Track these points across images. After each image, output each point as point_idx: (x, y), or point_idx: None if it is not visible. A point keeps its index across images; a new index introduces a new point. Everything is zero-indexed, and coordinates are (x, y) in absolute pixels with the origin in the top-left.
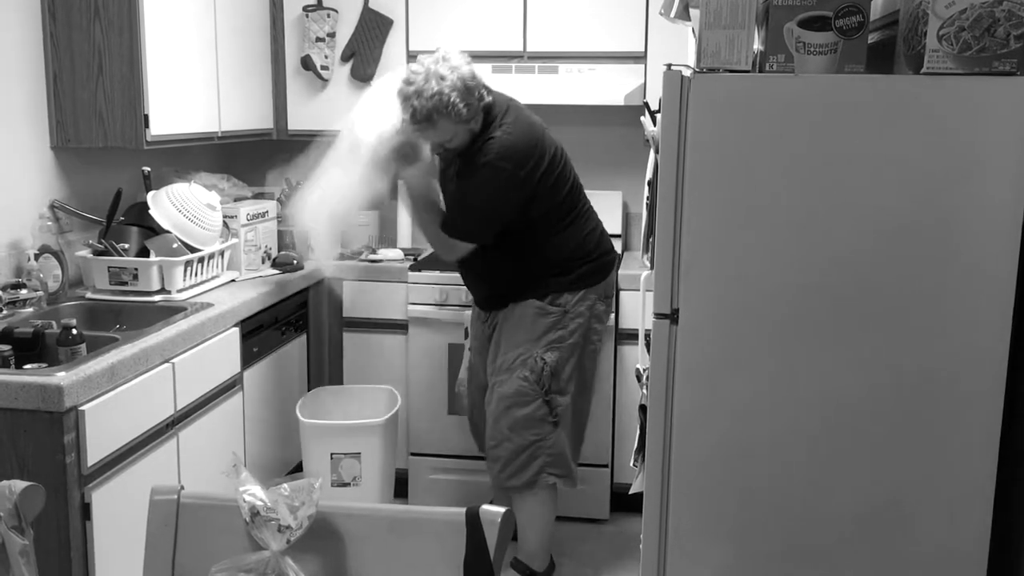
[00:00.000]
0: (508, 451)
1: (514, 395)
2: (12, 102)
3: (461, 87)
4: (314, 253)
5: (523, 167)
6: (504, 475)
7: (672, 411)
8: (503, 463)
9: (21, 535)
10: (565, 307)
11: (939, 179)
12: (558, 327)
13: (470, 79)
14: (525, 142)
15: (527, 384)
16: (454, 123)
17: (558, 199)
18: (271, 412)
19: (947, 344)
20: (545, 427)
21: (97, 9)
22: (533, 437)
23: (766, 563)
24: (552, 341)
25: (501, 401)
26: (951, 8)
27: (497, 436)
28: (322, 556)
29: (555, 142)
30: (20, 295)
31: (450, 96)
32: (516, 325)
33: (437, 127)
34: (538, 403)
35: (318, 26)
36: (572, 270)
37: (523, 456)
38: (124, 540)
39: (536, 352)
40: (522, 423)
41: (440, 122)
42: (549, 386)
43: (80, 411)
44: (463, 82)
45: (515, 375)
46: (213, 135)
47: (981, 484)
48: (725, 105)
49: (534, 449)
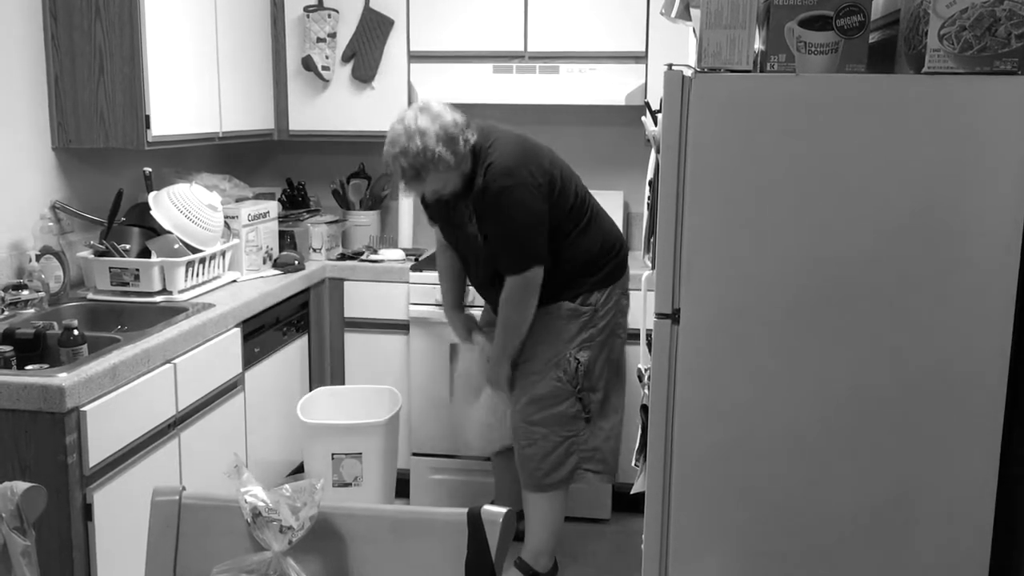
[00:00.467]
0: (543, 449)
1: (548, 395)
2: (13, 103)
3: (444, 137)
4: None
5: (530, 175)
6: (540, 473)
7: (673, 411)
8: (538, 461)
9: (23, 536)
10: (595, 305)
11: (940, 178)
12: (589, 326)
13: (452, 127)
14: (517, 156)
15: (560, 384)
16: (443, 173)
17: (570, 201)
18: (272, 413)
19: (949, 344)
20: (578, 424)
21: (98, 10)
22: (567, 433)
23: (767, 563)
24: (584, 340)
25: (534, 402)
26: (952, 7)
27: (531, 435)
28: (324, 557)
29: (547, 149)
30: (22, 296)
31: (435, 150)
32: (546, 328)
33: (428, 180)
34: (571, 400)
35: (319, 26)
36: (601, 268)
37: (558, 453)
38: (126, 541)
39: (569, 352)
40: (556, 421)
41: (430, 176)
42: (582, 384)
43: (82, 412)
44: (445, 131)
45: (548, 376)
46: (214, 136)
47: (983, 483)
48: (726, 105)
49: (568, 446)
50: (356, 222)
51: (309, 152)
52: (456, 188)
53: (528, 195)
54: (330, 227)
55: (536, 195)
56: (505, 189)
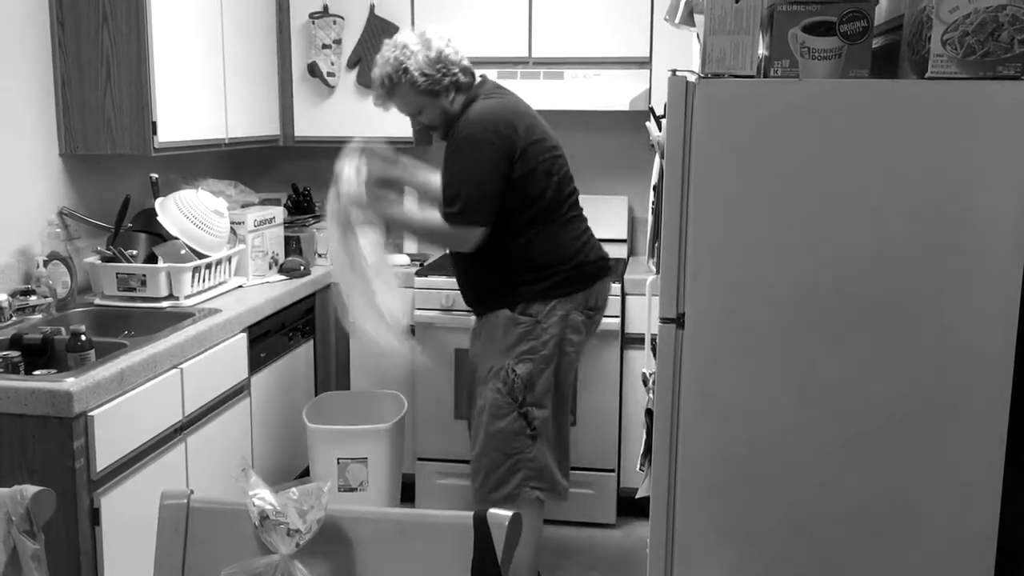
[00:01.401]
0: (487, 464)
1: (490, 407)
2: (21, 110)
3: (423, 59)
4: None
5: (494, 133)
6: (484, 489)
7: (678, 415)
8: (483, 476)
9: (32, 539)
10: (536, 317)
11: (944, 183)
12: (529, 338)
13: (438, 58)
14: (493, 112)
15: (500, 396)
16: (415, 94)
17: (537, 191)
18: (278, 417)
19: (953, 348)
20: (523, 440)
21: (105, 16)
22: (510, 451)
23: (774, 567)
24: (523, 352)
25: (480, 414)
26: (955, 13)
27: (476, 449)
28: (330, 560)
29: (553, 138)
30: (29, 301)
31: (406, 64)
32: (490, 336)
33: (396, 95)
34: (513, 416)
35: (324, 33)
36: (544, 278)
37: (502, 469)
38: (133, 545)
39: (508, 363)
40: (499, 436)
41: (398, 90)
42: (524, 398)
43: (89, 417)
44: (429, 57)
45: (489, 387)
46: (220, 142)
47: (988, 486)
48: (730, 110)
49: (513, 462)
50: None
51: (314, 158)
52: (436, 121)
53: (486, 149)
54: None
55: (493, 154)
56: (466, 137)
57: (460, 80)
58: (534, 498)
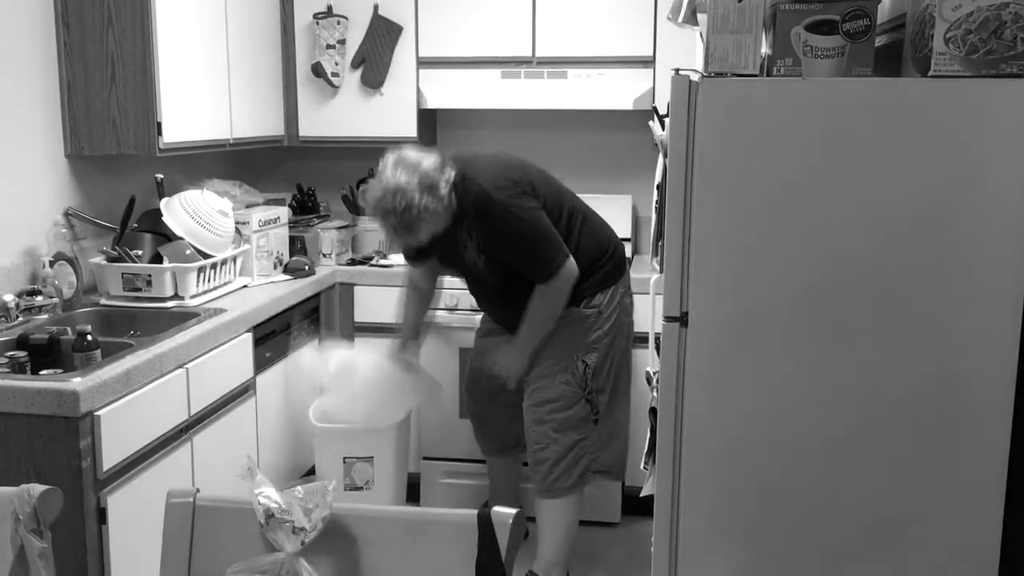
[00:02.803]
0: (556, 453)
1: (557, 398)
2: (27, 111)
3: (426, 186)
4: None
5: (514, 184)
6: (552, 477)
7: (682, 414)
8: (551, 464)
9: (40, 538)
10: (599, 307)
11: (947, 181)
12: (595, 328)
13: (432, 173)
14: (496, 172)
15: (570, 387)
16: (432, 219)
17: (559, 202)
18: (283, 417)
19: (956, 347)
20: (588, 426)
21: (110, 18)
22: (578, 437)
23: (777, 565)
24: (591, 343)
25: (543, 405)
26: (958, 11)
27: (543, 439)
28: (335, 558)
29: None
30: (35, 302)
31: (420, 203)
32: (554, 333)
33: (420, 231)
34: (581, 403)
35: (328, 33)
36: (599, 269)
37: (569, 456)
38: (139, 544)
39: (578, 355)
40: (567, 424)
41: (421, 227)
42: (590, 386)
43: (96, 416)
44: (426, 180)
45: (557, 380)
46: (225, 142)
47: (991, 485)
48: (733, 109)
49: (579, 449)
50: (366, 227)
51: (319, 158)
52: (447, 225)
53: (524, 202)
54: (340, 232)
55: (529, 199)
56: (503, 207)
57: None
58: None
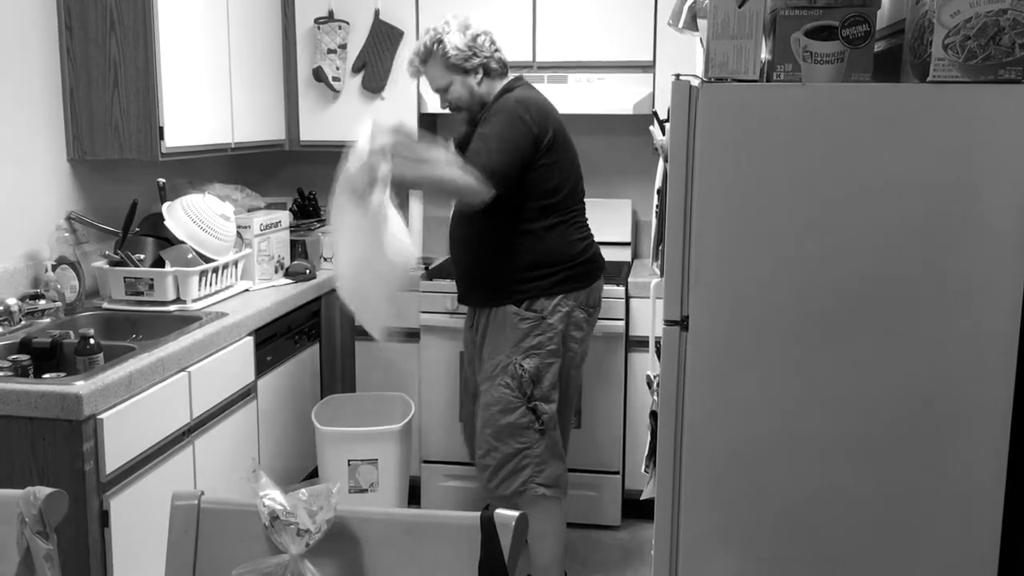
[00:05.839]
0: (496, 460)
1: (498, 403)
2: (29, 115)
3: (459, 38)
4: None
5: (532, 118)
6: (493, 484)
7: (683, 417)
8: (492, 471)
9: (45, 540)
10: (542, 313)
11: (946, 187)
12: (536, 333)
13: (473, 38)
14: (537, 103)
15: (509, 391)
16: (445, 67)
17: (553, 185)
18: (285, 420)
19: (956, 350)
20: (531, 435)
21: (113, 23)
22: (519, 445)
23: (777, 569)
24: (530, 347)
25: (487, 409)
26: (956, 17)
27: (484, 444)
28: (340, 560)
29: (570, 138)
30: (38, 306)
31: (442, 36)
32: (497, 332)
33: (428, 65)
34: (522, 410)
35: (329, 38)
36: (550, 275)
37: (510, 465)
38: (141, 547)
39: (515, 359)
40: (508, 431)
41: (431, 60)
42: (532, 393)
43: (98, 419)
44: (463, 35)
45: (497, 382)
46: (226, 146)
47: (991, 489)
48: (733, 114)
49: (521, 458)
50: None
51: (320, 162)
52: (461, 100)
53: (520, 126)
54: None
55: (526, 131)
56: (504, 110)
57: (490, 66)
58: (539, 495)
